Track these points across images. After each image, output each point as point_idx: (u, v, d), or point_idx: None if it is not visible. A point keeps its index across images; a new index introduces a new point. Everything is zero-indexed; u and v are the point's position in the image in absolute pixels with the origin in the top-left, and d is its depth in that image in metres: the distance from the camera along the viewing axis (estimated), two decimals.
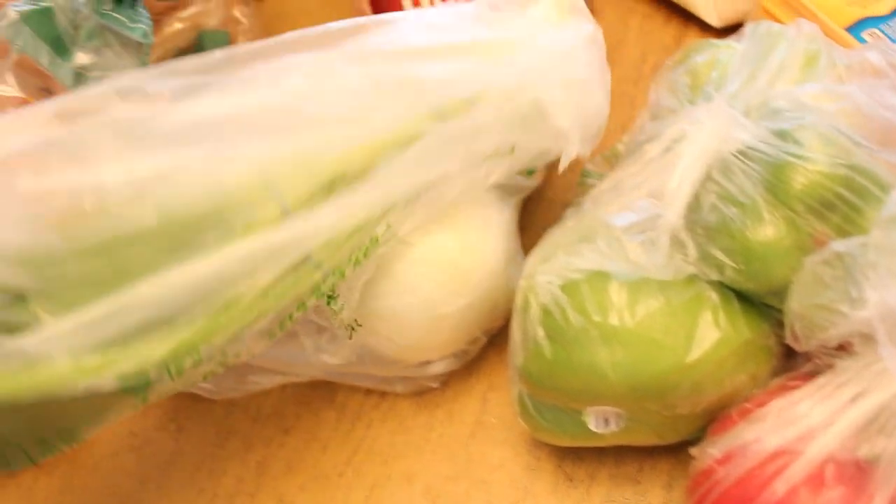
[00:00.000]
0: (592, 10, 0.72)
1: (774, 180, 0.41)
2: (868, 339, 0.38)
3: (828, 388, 0.40)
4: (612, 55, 0.71)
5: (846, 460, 0.38)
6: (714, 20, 0.70)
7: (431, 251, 0.48)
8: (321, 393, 0.58)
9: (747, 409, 0.43)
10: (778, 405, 0.41)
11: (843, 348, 0.41)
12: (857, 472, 0.38)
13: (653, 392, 0.43)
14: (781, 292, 0.41)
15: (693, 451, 0.44)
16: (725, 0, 0.69)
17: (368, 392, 0.57)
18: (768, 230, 0.41)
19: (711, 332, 0.42)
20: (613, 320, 0.42)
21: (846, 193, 0.40)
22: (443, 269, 0.48)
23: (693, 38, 0.72)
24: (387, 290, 0.48)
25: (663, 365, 0.42)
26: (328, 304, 0.46)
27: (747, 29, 0.51)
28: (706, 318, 0.42)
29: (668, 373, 0.42)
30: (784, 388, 0.43)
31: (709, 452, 0.43)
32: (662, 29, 0.73)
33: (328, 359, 0.49)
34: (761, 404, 0.42)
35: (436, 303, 0.48)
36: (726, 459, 0.42)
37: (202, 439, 0.57)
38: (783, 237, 0.40)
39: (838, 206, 0.40)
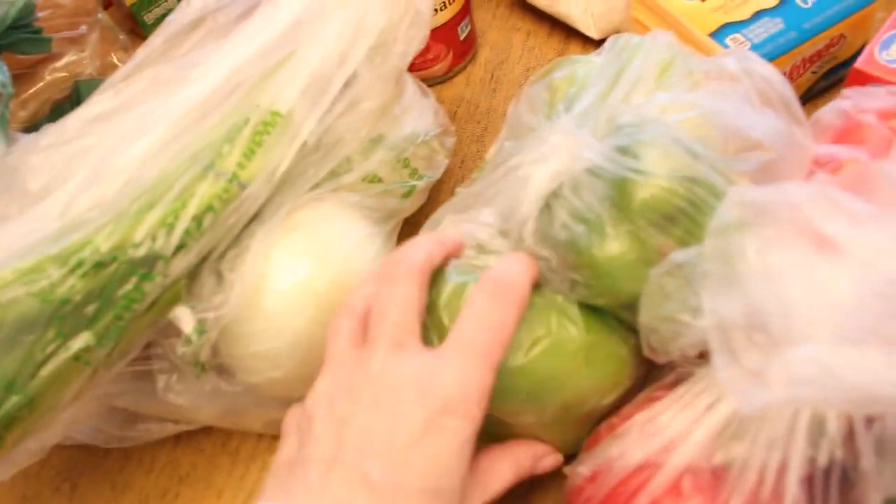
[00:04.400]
0: (474, 32, 0.73)
1: (618, 196, 0.41)
2: None
3: (686, 397, 0.41)
4: (497, 74, 0.72)
5: (703, 468, 0.38)
6: (593, 33, 0.71)
7: (295, 284, 0.48)
8: (215, 439, 0.57)
9: (614, 424, 0.43)
10: (641, 418, 0.41)
11: (702, 356, 0.41)
12: (713, 479, 0.38)
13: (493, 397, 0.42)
14: (633, 306, 0.41)
15: (566, 469, 0.44)
16: (601, 13, 0.69)
17: (261, 435, 0.56)
18: (613, 246, 0.41)
19: (544, 335, 0.42)
20: None
21: (686, 206, 0.40)
22: (308, 301, 0.48)
23: (575, 52, 0.72)
24: (256, 328, 0.48)
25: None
26: (192, 338, 0.46)
27: (608, 43, 0.52)
28: (544, 322, 0.42)
29: (502, 375, 0.41)
30: (648, 401, 0.43)
31: (578, 471, 0.43)
32: (545, 44, 0.73)
33: (174, 398, 0.48)
34: (627, 418, 0.42)
35: (304, 335, 0.48)
36: (594, 477, 0.42)
37: (97, 496, 0.56)
38: (627, 251, 0.40)
39: (679, 219, 0.40)
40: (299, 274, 0.48)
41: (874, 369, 0.30)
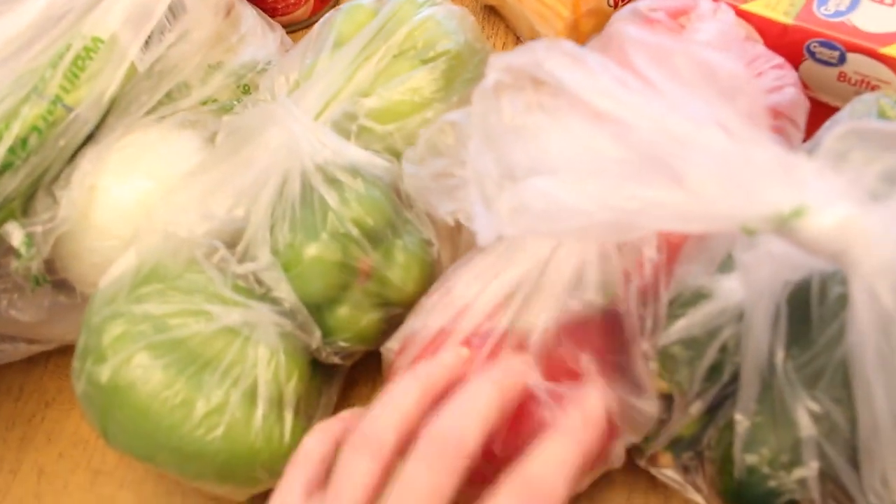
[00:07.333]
0: None
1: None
2: None
3: (477, 269, 0.44)
4: None
5: (489, 331, 0.41)
6: None
7: (125, 198, 0.50)
8: None
9: (420, 302, 0.46)
10: (441, 292, 0.44)
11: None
12: (501, 340, 0.41)
13: None
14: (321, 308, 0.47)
15: (382, 349, 0.47)
16: None
17: None
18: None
19: None
20: None
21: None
22: (139, 212, 0.50)
23: None
24: (90, 239, 0.50)
25: None
26: (21, 251, 0.48)
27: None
28: None
29: None
30: (449, 277, 0.46)
31: (388, 346, 0.45)
32: None
33: (17, 315, 0.50)
34: (431, 294, 0.45)
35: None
36: (402, 350, 0.44)
37: None
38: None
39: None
40: (130, 186, 0.51)
41: (597, 197, 0.33)
